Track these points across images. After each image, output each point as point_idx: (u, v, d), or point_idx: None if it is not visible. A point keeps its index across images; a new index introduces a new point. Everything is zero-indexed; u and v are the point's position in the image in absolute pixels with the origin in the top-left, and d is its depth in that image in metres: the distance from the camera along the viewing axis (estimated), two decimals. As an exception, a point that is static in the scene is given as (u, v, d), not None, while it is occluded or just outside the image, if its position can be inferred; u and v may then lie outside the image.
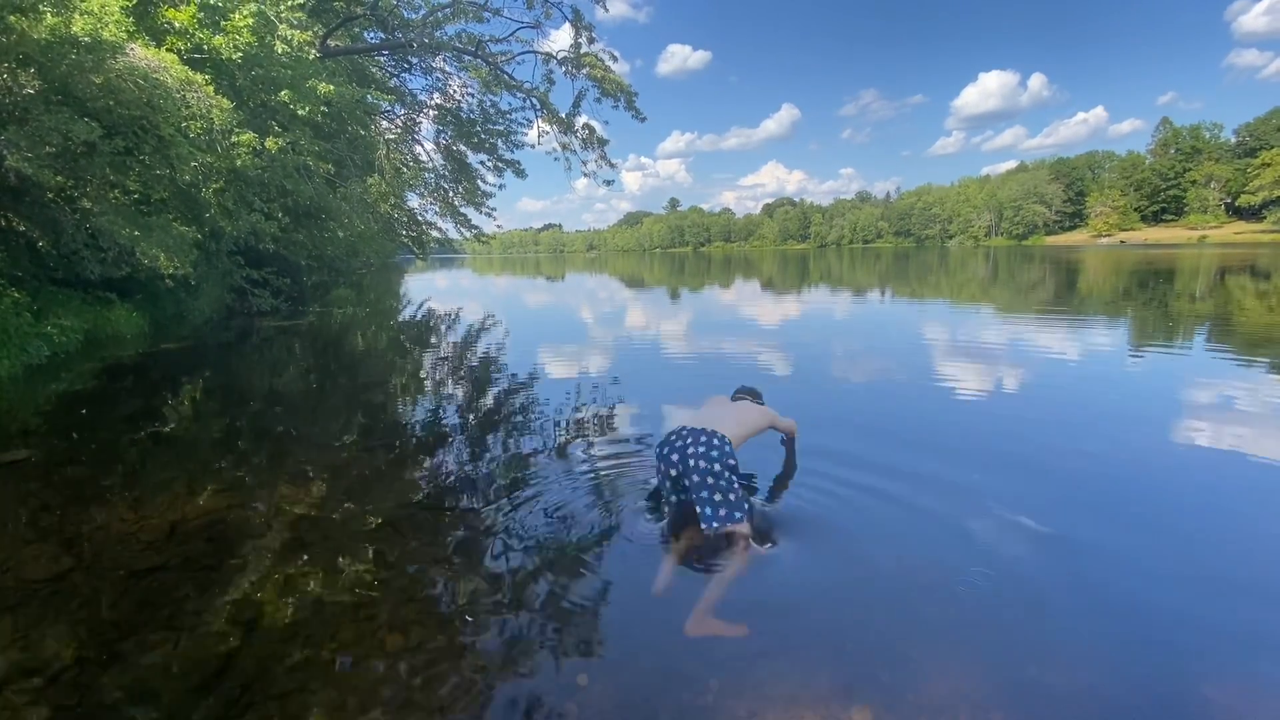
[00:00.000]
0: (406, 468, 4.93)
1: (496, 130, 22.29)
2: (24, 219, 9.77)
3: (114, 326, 11.01)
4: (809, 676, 2.40)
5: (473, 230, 27.89)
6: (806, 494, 4.02)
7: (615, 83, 19.91)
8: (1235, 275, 22.81)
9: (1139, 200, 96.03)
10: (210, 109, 9.61)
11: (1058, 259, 42.74)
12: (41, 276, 10.29)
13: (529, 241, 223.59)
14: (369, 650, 2.59)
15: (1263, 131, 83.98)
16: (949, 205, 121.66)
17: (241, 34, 10.75)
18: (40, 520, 3.90)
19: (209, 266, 13.59)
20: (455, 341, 12.27)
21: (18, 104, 8.32)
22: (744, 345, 10.38)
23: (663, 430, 4.44)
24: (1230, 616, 2.76)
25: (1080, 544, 3.39)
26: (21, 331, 8.60)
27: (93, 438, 5.66)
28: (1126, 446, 5.01)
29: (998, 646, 2.59)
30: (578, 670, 2.46)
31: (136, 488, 4.42)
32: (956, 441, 5.11)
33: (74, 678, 2.44)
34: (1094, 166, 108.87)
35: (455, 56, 20.10)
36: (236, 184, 11.55)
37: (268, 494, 4.27)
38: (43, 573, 3.24)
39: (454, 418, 6.42)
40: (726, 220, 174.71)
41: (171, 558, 3.38)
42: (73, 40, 8.14)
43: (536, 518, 3.76)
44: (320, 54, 14.38)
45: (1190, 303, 14.99)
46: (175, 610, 2.89)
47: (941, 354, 9.19)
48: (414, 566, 3.29)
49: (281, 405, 7.16)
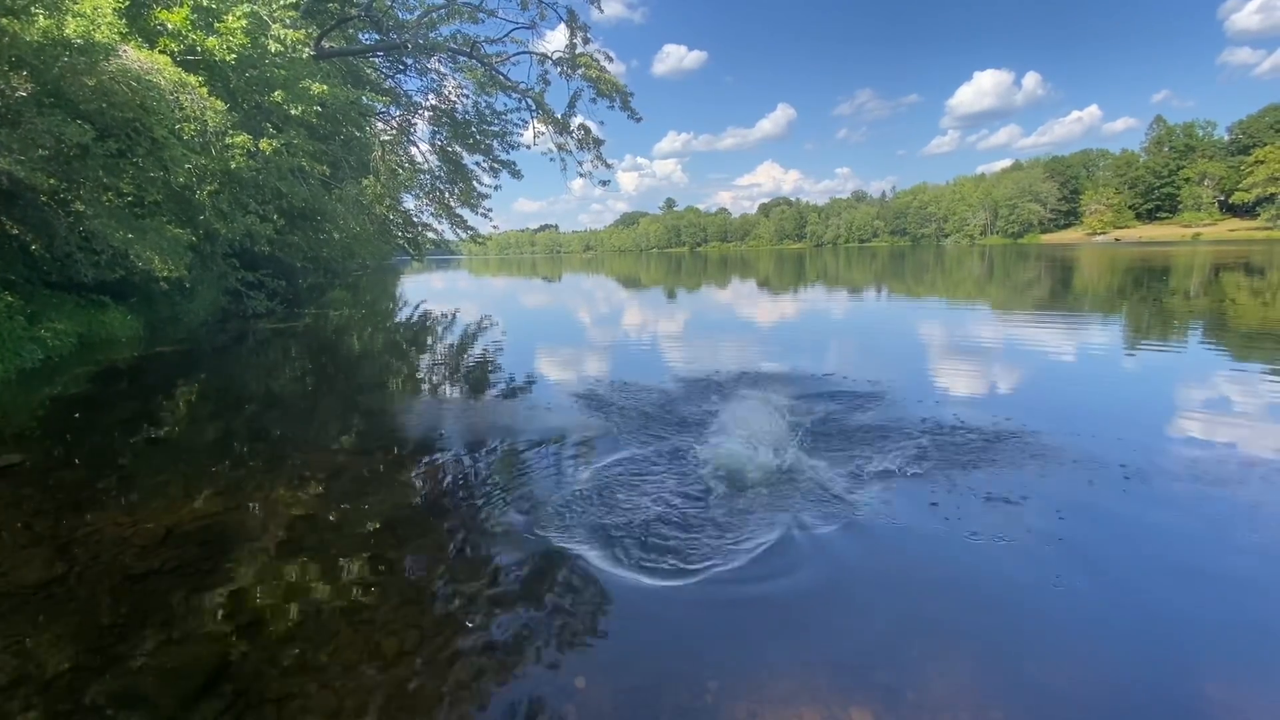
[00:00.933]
0: (403, 470, 4.91)
1: (492, 131, 22.27)
2: (17, 222, 9.71)
3: (108, 330, 10.96)
4: (808, 677, 2.39)
5: (469, 231, 27.85)
6: (807, 495, 4.02)
7: (610, 83, 19.88)
8: (1230, 271, 22.90)
9: (1133, 198, 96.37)
10: (204, 111, 9.57)
11: (1054, 257, 42.88)
12: (35, 280, 10.23)
13: (525, 242, 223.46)
14: (366, 654, 2.57)
15: (1256, 129, 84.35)
16: (944, 204, 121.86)
17: (235, 35, 10.70)
18: (34, 525, 3.87)
19: (204, 269, 13.54)
20: (451, 343, 12.25)
21: (10, 106, 8.27)
22: (743, 343, 10.38)
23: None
24: (1230, 614, 2.76)
25: (1079, 545, 3.39)
26: (15, 335, 8.56)
27: (87, 441, 5.62)
28: (1126, 447, 5.02)
29: (997, 646, 2.59)
30: (576, 672, 2.45)
31: (131, 492, 4.39)
32: (956, 445, 5.11)
33: (68, 683, 2.42)
34: (1088, 165, 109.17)
35: (450, 57, 20.08)
36: (231, 186, 11.50)
37: (263, 497, 4.24)
38: (36, 578, 3.22)
39: (450, 420, 6.40)
40: (723, 220, 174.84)
41: (166, 562, 3.36)
42: (65, 42, 8.10)
43: (533, 520, 3.75)
44: (315, 55, 14.34)
45: (1185, 299, 15.05)
46: (170, 615, 2.87)
47: (936, 353, 9.20)
48: (410, 569, 3.28)
49: (277, 408, 7.13)
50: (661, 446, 4.96)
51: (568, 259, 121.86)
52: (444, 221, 27.86)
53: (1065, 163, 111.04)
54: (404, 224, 29.75)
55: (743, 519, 3.66)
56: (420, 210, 28.67)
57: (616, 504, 3.93)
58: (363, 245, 23.48)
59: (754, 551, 3.29)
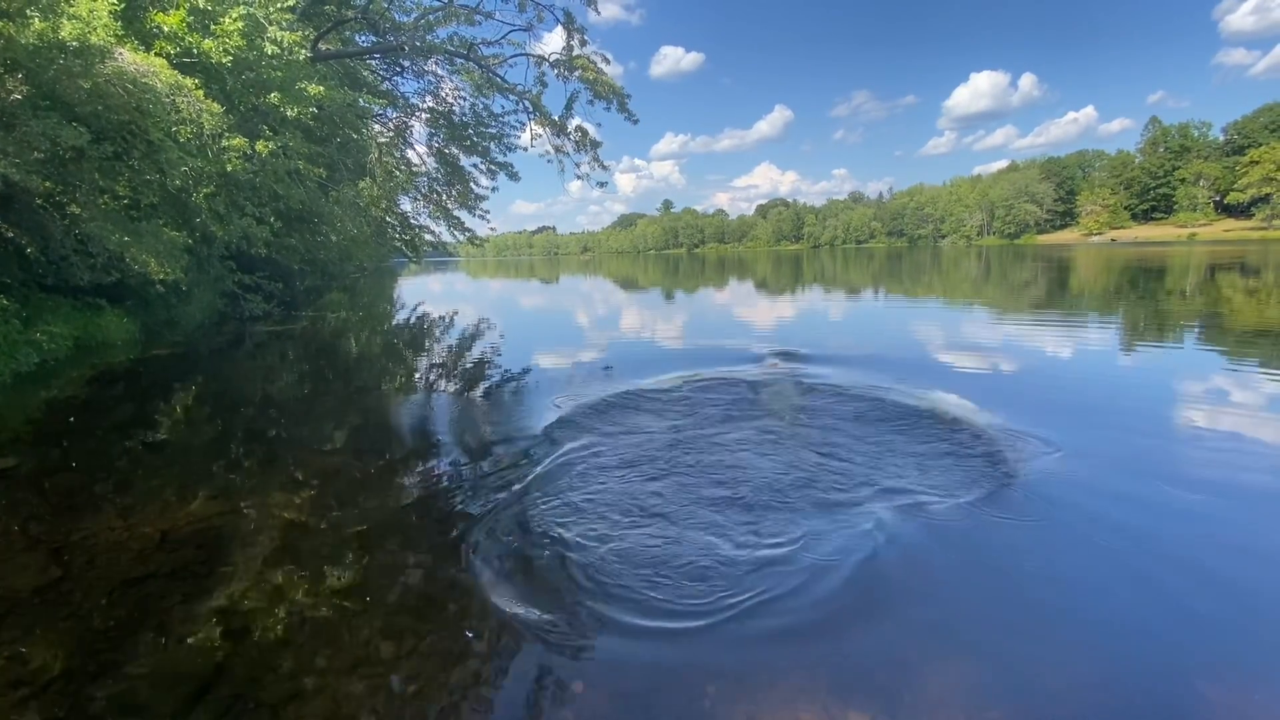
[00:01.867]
0: (399, 474, 4.90)
1: (489, 133, 22.27)
2: (12, 225, 9.67)
3: (104, 333, 10.92)
4: (806, 681, 2.39)
5: (466, 233, 27.82)
6: (804, 499, 4.01)
7: (607, 85, 19.88)
8: (1226, 272, 22.98)
9: (1129, 199, 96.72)
10: (200, 113, 9.55)
11: (1050, 257, 42.98)
12: (30, 283, 10.19)
13: (523, 244, 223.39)
14: (362, 658, 2.56)
15: (1251, 129, 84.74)
16: (941, 205, 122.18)
17: (231, 37, 10.69)
18: (29, 529, 3.85)
19: (200, 272, 13.50)
20: (448, 346, 12.23)
21: (5, 109, 8.24)
22: (742, 346, 10.38)
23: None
24: (1230, 616, 2.76)
25: (1079, 546, 3.40)
26: (10, 338, 8.52)
27: (82, 445, 5.60)
28: (1125, 448, 5.03)
29: (996, 648, 2.59)
30: (574, 677, 2.45)
31: (126, 496, 4.37)
32: (956, 446, 5.11)
33: (62, 688, 2.41)
34: (1084, 165, 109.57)
35: (447, 59, 20.06)
36: (227, 188, 11.49)
37: (259, 501, 4.23)
38: (31, 582, 3.20)
39: (446, 423, 6.39)
40: (720, 222, 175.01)
41: (162, 566, 3.34)
42: (61, 45, 8.08)
43: (531, 524, 3.74)
44: (312, 57, 14.32)
45: (1181, 299, 15.09)
46: (166, 619, 2.86)
47: (928, 352, 9.20)
48: (407, 573, 3.27)
49: (273, 411, 7.11)
50: (662, 449, 4.96)
51: (565, 261, 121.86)
52: (441, 223, 27.83)
53: (1061, 164, 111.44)
54: (401, 226, 29.68)
55: (744, 521, 3.66)
56: (417, 212, 28.62)
57: (616, 507, 3.92)
58: (360, 247, 23.47)
59: (755, 554, 3.28)
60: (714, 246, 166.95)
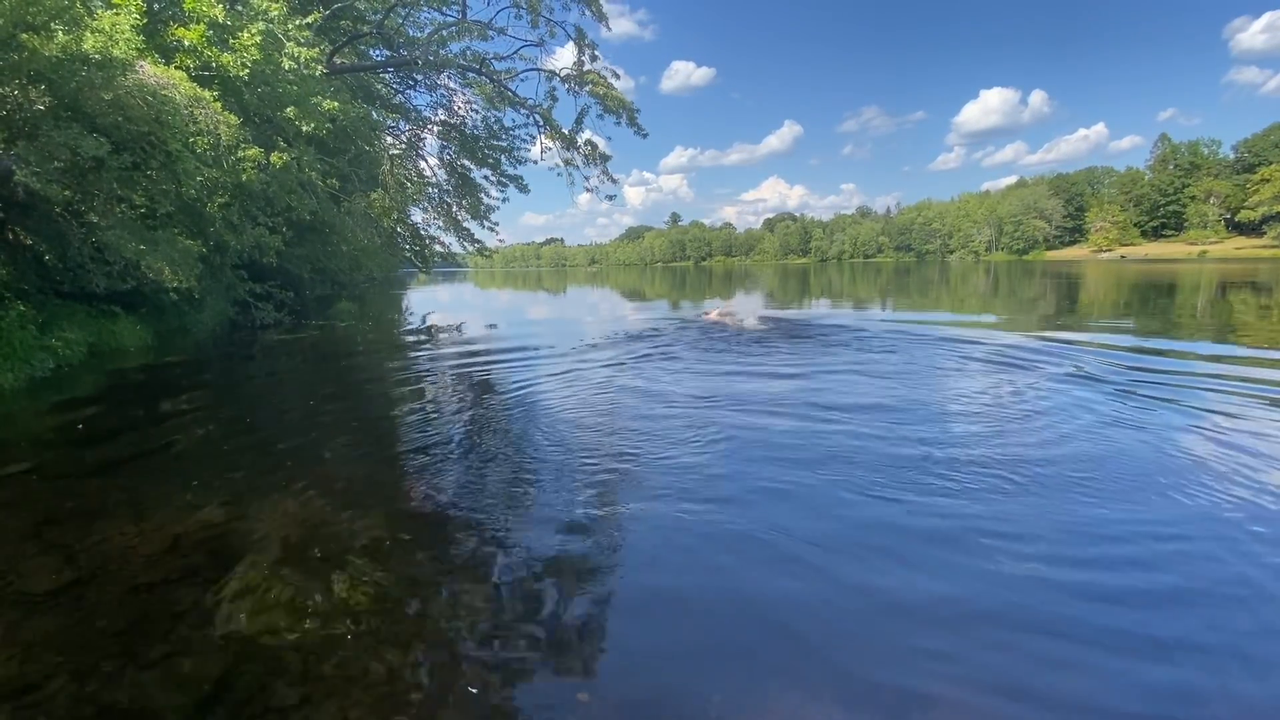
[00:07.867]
0: (409, 481, 4.93)
1: (500, 146, 22.57)
2: (31, 233, 9.85)
3: (118, 339, 11.06)
4: (813, 691, 2.39)
5: (475, 244, 28.08)
6: (808, 502, 4.01)
7: (617, 99, 20.14)
8: (1238, 290, 22.84)
9: (1138, 215, 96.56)
10: (217, 125, 9.74)
11: (1059, 274, 42.82)
12: (47, 289, 10.35)
13: (531, 255, 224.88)
14: (370, 665, 2.58)
15: (1261, 147, 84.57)
16: (949, 220, 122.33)
17: (249, 51, 10.91)
18: (42, 533, 3.90)
19: (213, 280, 13.67)
20: (456, 355, 12.29)
21: (28, 120, 8.44)
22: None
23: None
24: (1229, 622, 2.74)
25: (1078, 547, 3.38)
26: (26, 344, 8.65)
27: (96, 450, 5.66)
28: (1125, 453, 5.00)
29: (1003, 657, 2.57)
30: (579, 687, 2.45)
31: (139, 501, 4.42)
32: (954, 450, 5.10)
33: (73, 691, 2.44)
34: (1094, 182, 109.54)
35: (460, 73, 20.39)
36: (241, 199, 11.68)
37: (270, 507, 4.26)
38: (44, 585, 3.24)
39: (454, 432, 6.42)
40: (728, 235, 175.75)
41: (173, 571, 3.38)
42: (83, 57, 8.28)
43: (537, 532, 3.75)
44: (327, 71, 14.57)
45: (1192, 316, 15.00)
46: (177, 623, 2.88)
47: (915, 380, 9.18)
48: (415, 581, 3.28)
49: (284, 418, 7.16)
50: (665, 455, 4.97)
51: (573, 272, 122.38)
52: (451, 234, 28.14)
53: (1070, 180, 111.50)
54: (411, 237, 30.02)
55: (744, 526, 3.66)
56: (428, 223, 28.96)
57: (620, 512, 3.93)
58: (370, 258, 23.70)
59: (756, 559, 3.28)
60: (721, 259, 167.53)
